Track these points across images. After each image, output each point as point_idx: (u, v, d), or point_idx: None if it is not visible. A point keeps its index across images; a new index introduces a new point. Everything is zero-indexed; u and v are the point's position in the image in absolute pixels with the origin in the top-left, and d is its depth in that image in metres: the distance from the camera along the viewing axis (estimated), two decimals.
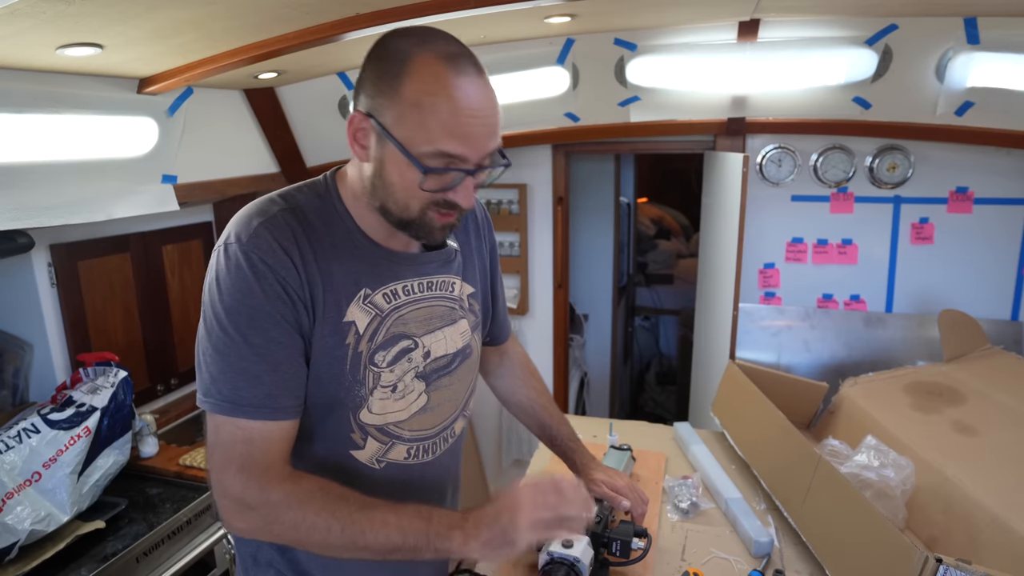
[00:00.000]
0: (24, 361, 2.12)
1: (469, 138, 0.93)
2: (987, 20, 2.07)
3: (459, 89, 0.91)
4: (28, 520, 1.61)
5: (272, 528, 0.96)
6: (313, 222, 1.03)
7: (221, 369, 0.96)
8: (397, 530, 0.94)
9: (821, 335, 2.83)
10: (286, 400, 0.98)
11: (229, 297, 0.95)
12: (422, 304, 1.12)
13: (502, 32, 2.21)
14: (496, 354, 1.52)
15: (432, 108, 0.91)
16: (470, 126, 0.92)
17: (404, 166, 0.94)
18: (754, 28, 2.22)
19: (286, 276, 0.97)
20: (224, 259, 0.97)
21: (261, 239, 0.97)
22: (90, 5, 1.17)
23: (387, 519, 0.95)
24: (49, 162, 1.72)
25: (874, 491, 1.49)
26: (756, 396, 1.81)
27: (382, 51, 0.95)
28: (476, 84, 0.93)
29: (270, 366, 0.96)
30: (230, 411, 0.95)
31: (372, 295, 1.06)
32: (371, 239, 1.07)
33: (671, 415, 4.87)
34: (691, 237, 5.56)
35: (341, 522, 0.94)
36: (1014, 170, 2.57)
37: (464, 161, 0.94)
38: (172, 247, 2.56)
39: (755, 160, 2.77)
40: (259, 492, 0.95)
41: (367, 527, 0.94)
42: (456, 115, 0.91)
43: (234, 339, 0.95)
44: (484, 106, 0.94)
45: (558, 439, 1.50)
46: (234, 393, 0.95)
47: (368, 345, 1.05)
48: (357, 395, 1.05)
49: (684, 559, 1.42)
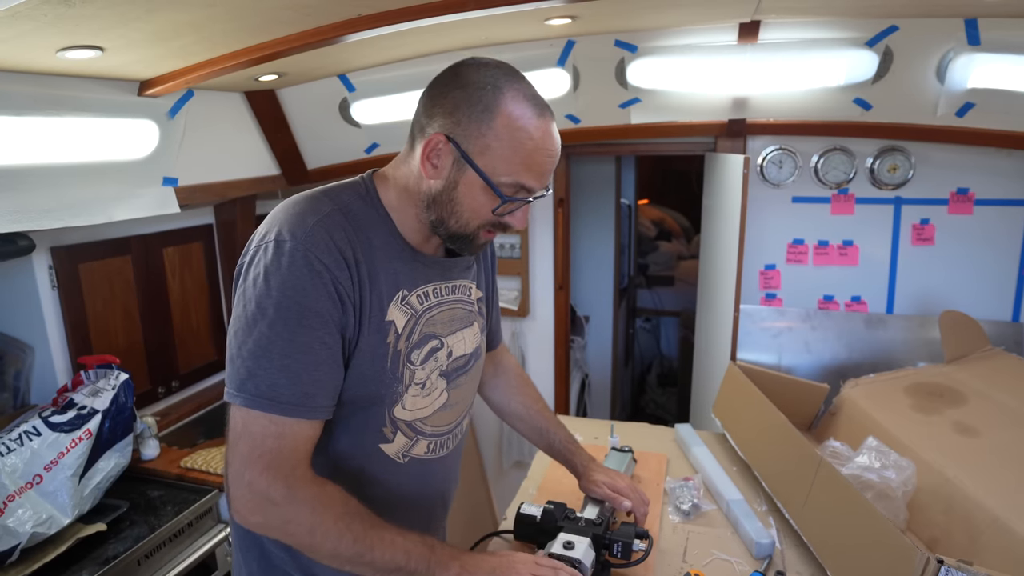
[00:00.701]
0: (25, 364, 2.13)
1: (542, 174, 1.06)
2: (988, 21, 2.07)
3: (540, 130, 1.03)
4: (29, 523, 1.61)
5: (288, 527, 0.97)
6: (360, 222, 1.06)
7: (260, 364, 0.96)
8: (403, 552, 0.99)
9: (822, 336, 2.82)
10: (322, 400, 1.01)
11: (279, 293, 0.96)
12: (447, 306, 1.18)
13: (503, 34, 2.21)
14: (490, 363, 1.54)
15: (519, 144, 1.01)
16: (545, 164, 1.05)
17: (479, 190, 1.03)
18: (755, 30, 2.22)
19: (339, 276, 1.00)
20: (275, 254, 0.98)
21: (318, 237, 0.99)
22: (90, 8, 1.17)
23: (395, 540, 1.00)
24: (50, 165, 1.73)
25: (875, 492, 1.48)
26: (757, 397, 1.81)
27: (464, 81, 1.03)
28: (551, 125, 1.06)
29: (311, 365, 0.98)
30: (267, 407, 0.96)
31: (408, 296, 1.11)
32: (408, 242, 1.12)
33: (672, 417, 4.86)
34: (692, 239, 5.56)
35: (354, 534, 0.97)
36: (1015, 171, 2.57)
37: (531, 191, 1.06)
38: (173, 249, 2.56)
39: (756, 161, 2.77)
40: (285, 490, 0.96)
41: (376, 544, 0.98)
42: (536, 153, 1.03)
43: (280, 335, 0.96)
44: (556, 146, 1.07)
45: (556, 443, 1.51)
46: (272, 390, 0.96)
47: (406, 344, 1.10)
48: (395, 391, 1.09)
49: (685, 560, 1.42)
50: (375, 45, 2.04)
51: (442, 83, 1.05)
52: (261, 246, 1.00)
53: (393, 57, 2.31)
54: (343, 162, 2.82)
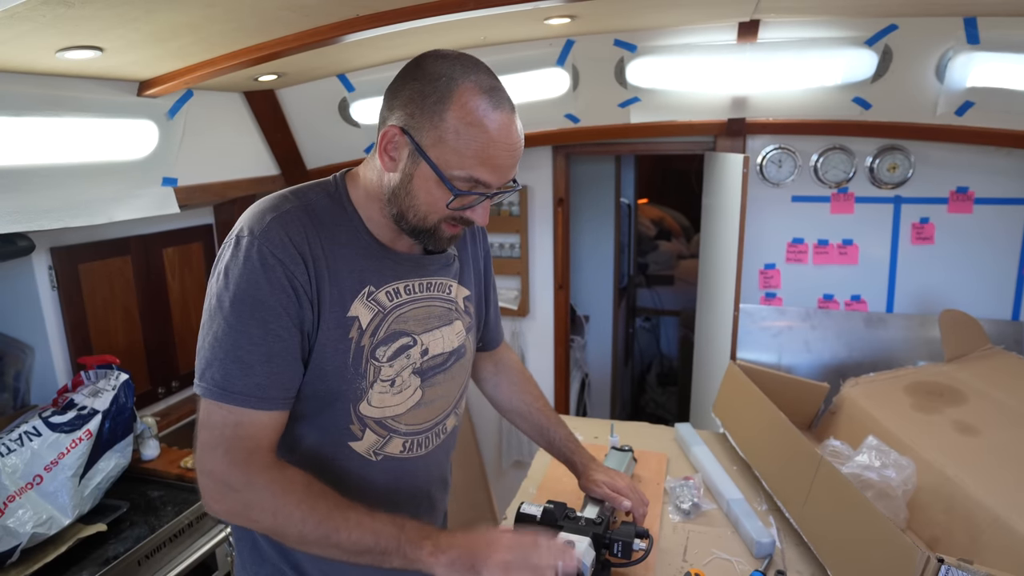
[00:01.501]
0: (25, 364, 2.13)
1: (499, 169, 1.02)
2: (987, 20, 2.07)
3: (496, 123, 1.00)
4: (30, 523, 1.61)
5: (250, 513, 0.98)
6: (323, 220, 1.07)
7: (216, 355, 0.99)
8: (371, 532, 0.97)
9: (822, 335, 2.82)
10: (275, 392, 1.01)
11: (235, 287, 0.99)
12: (421, 303, 1.17)
13: (502, 33, 2.21)
14: (490, 361, 1.54)
15: (471, 138, 0.99)
16: (501, 158, 1.01)
17: (433, 184, 1.02)
18: (754, 29, 2.22)
19: (294, 271, 1.00)
20: (234, 250, 1.01)
21: (273, 233, 1.01)
22: (90, 8, 1.17)
23: (362, 520, 0.98)
24: (50, 165, 1.73)
25: (875, 491, 1.48)
26: (757, 397, 1.81)
27: (421, 72, 1.01)
28: (511, 119, 1.02)
29: (264, 357, 0.99)
30: (220, 396, 0.98)
31: (375, 292, 1.10)
32: (377, 240, 1.12)
33: (672, 416, 4.86)
34: (692, 238, 5.56)
35: (318, 516, 0.97)
36: (1014, 170, 2.57)
37: (488, 187, 1.03)
38: (173, 250, 2.56)
39: (755, 161, 2.77)
40: (242, 476, 0.97)
41: (342, 525, 0.96)
42: (491, 147, 1.00)
43: (234, 327, 0.98)
44: (514, 141, 1.03)
45: (556, 442, 1.51)
46: (225, 380, 0.98)
47: (370, 340, 1.09)
48: (358, 388, 1.08)
49: (686, 560, 1.42)
50: (374, 45, 2.04)
51: (403, 75, 1.05)
52: (226, 243, 1.04)
53: (392, 57, 2.31)
54: (343, 162, 2.82)
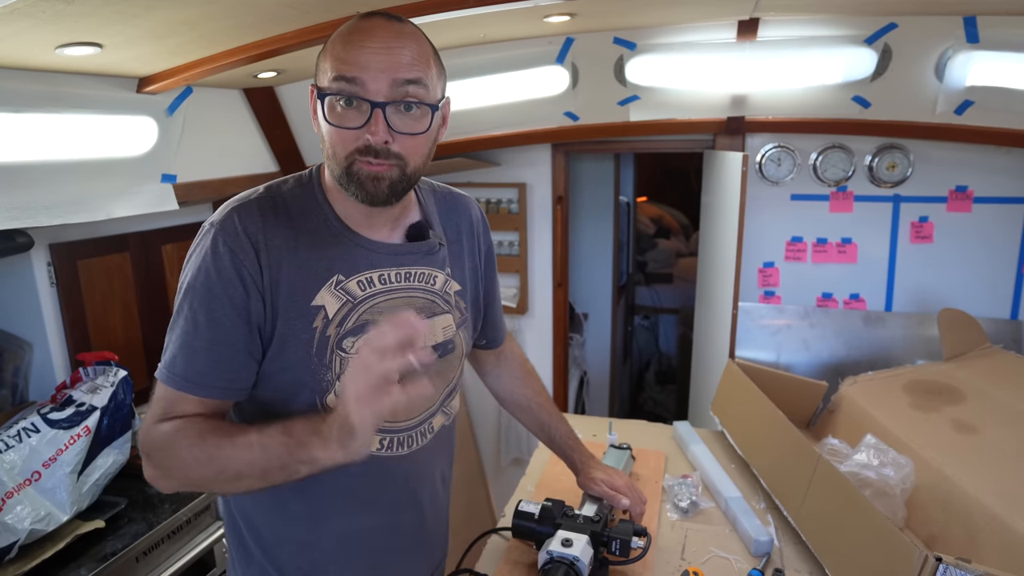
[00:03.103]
0: (24, 360, 2.12)
1: (361, 63, 0.95)
2: (986, 19, 2.07)
3: (358, 25, 0.98)
4: (28, 519, 1.61)
5: (168, 472, 0.99)
6: (290, 209, 1.07)
7: (170, 339, 1.01)
8: (260, 449, 0.92)
9: (820, 334, 2.83)
10: (215, 379, 1.01)
11: (190, 275, 1.01)
12: (399, 294, 1.12)
13: (501, 31, 2.21)
14: (493, 353, 1.52)
15: (332, 43, 0.99)
16: (364, 52, 0.96)
17: (322, 110, 0.99)
18: (753, 27, 2.22)
19: (244, 260, 1.00)
20: (198, 240, 1.04)
21: (228, 223, 1.02)
22: (89, 4, 1.17)
23: (250, 441, 0.93)
24: (48, 161, 1.72)
25: (873, 490, 1.49)
26: (756, 395, 1.81)
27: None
28: (379, 21, 0.98)
29: (207, 344, 0.99)
30: (164, 378, 1.00)
31: (345, 282, 1.07)
32: (349, 227, 1.09)
33: (671, 414, 4.87)
34: (691, 236, 5.56)
35: (208, 452, 0.94)
36: (1013, 169, 2.57)
37: (363, 88, 0.96)
38: (171, 246, 2.56)
39: (754, 159, 2.77)
40: (147, 437, 0.99)
41: (232, 453, 0.93)
42: (349, 43, 0.97)
43: (183, 314, 1.00)
44: (383, 35, 0.97)
45: (557, 438, 1.50)
46: (171, 363, 1.00)
47: (336, 330, 1.05)
48: (323, 379, 1.05)
49: (684, 558, 1.42)
50: None
51: None
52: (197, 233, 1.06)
53: None
54: None
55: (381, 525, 1.18)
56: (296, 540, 1.14)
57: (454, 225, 1.26)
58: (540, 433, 1.53)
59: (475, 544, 1.51)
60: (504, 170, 3.16)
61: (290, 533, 1.14)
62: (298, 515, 1.13)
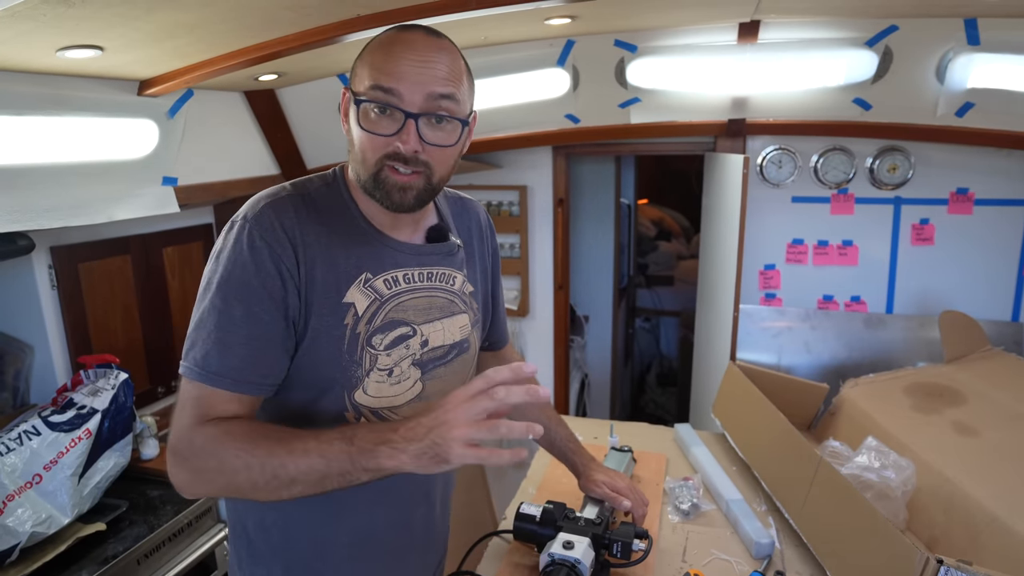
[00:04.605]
0: (25, 363, 2.13)
1: (399, 74, 0.99)
2: (987, 21, 2.07)
3: (398, 36, 1.01)
4: (29, 522, 1.61)
5: (203, 476, 0.96)
6: (319, 207, 1.08)
7: (200, 335, 0.99)
8: (319, 457, 0.91)
9: (822, 336, 2.82)
10: (251, 375, 1.00)
11: (224, 269, 1.00)
12: (422, 293, 1.15)
13: (503, 34, 2.21)
14: (494, 357, 1.52)
15: (371, 52, 1.02)
16: (402, 63, 0.99)
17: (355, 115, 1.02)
18: (754, 29, 2.22)
19: (281, 255, 1.01)
20: (227, 234, 1.03)
21: (264, 217, 1.02)
22: (90, 7, 1.17)
23: (308, 447, 0.92)
24: (49, 164, 1.72)
25: (875, 492, 1.48)
26: (757, 397, 1.81)
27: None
28: (418, 34, 1.02)
29: (243, 339, 0.99)
30: (197, 376, 0.98)
31: (373, 280, 1.09)
32: (375, 227, 1.12)
33: (672, 416, 4.86)
34: (691, 238, 5.56)
35: (260, 458, 0.92)
36: (1014, 171, 2.57)
37: (399, 98, 0.99)
38: (172, 249, 2.56)
39: (755, 161, 2.77)
40: (187, 441, 0.96)
41: (287, 459, 0.91)
42: (389, 53, 1.00)
43: (217, 308, 0.99)
44: (422, 48, 1.00)
45: (557, 441, 1.50)
46: (204, 360, 0.98)
47: (366, 327, 1.08)
48: (353, 375, 1.07)
49: (685, 560, 1.42)
50: None
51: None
52: (224, 229, 1.05)
53: None
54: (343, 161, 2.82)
55: (396, 521, 1.21)
56: (312, 538, 1.15)
57: (465, 228, 1.30)
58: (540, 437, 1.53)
59: (476, 546, 1.51)
60: (505, 172, 3.16)
61: (306, 531, 1.15)
62: (316, 513, 1.13)
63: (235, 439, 0.94)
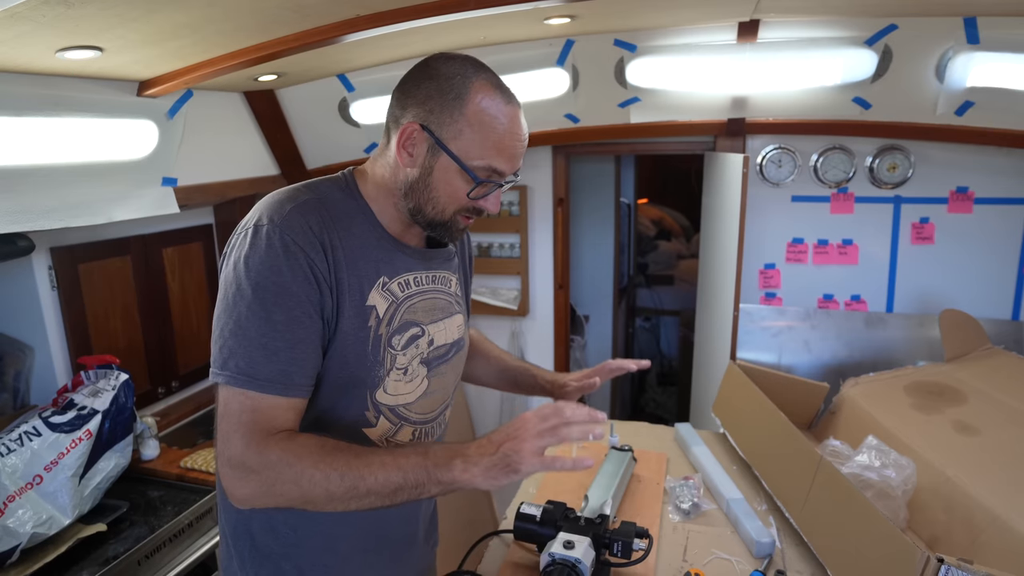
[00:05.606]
0: (25, 364, 2.12)
1: (513, 158, 1.09)
2: (987, 20, 2.07)
3: (509, 115, 1.08)
4: (29, 523, 1.61)
5: (274, 489, 0.97)
6: (338, 212, 1.10)
7: (240, 343, 0.99)
8: (396, 469, 0.97)
9: (822, 335, 2.82)
10: (299, 378, 1.02)
11: (257, 274, 1.00)
12: (428, 295, 1.20)
13: (502, 33, 2.21)
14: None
15: (490, 129, 1.06)
16: (515, 148, 1.09)
17: (454, 174, 1.08)
18: (754, 29, 2.22)
19: (314, 258, 1.02)
20: (253, 239, 1.02)
21: (293, 221, 1.03)
22: (89, 8, 1.17)
23: (384, 460, 0.98)
24: (49, 165, 1.73)
25: (875, 491, 1.48)
26: (757, 397, 1.81)
27: (435, 72, 1.08)
28: (520, 113, 1.10)
29: (288, 343, 1.00)
30: (244, 383, 0.98)
31: (389, 283, 1.13)
32: (388, 232, 1.15)
33: (672, 416, 4.87)
34: (691, 238, 5.56)
35: (339, 470, 0.96)
36: (1014, 170, 2.57)
37: (502, 175, 1.09)
38: (172, 250, 2.56)
39: (755, 161, 2.77)
40: (258, 455, 0.97)
41: (366, 472, 0.96)
42: (508, 138, 1.07)
43: (257, 314, 0.99)
44: (524, 132, 1.11)
45: (519, 373, 1.54)
46: (250, 367, 0.98)
47: (387, 329, 1.11)
48: (376, 375, 1.11)
49: (686, 560, 1.42)
50: (374, 45, 2.04)
51: (414, 77, 1.10)
52: (241, 232, 1.05)
53: (392, 57, 2.31)
54: (343, 162, 2.82)
55: (405, 513, 1.25)
56: (323, 534, 1.17)
57: None
58: (503, 378, 1.57)
59: (476, 546, 1.50)
60: None
61: (319, 528, 1.16)
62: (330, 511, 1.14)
63: (312, 452, 0.97)
